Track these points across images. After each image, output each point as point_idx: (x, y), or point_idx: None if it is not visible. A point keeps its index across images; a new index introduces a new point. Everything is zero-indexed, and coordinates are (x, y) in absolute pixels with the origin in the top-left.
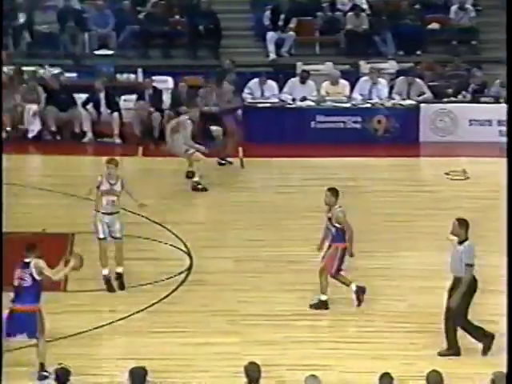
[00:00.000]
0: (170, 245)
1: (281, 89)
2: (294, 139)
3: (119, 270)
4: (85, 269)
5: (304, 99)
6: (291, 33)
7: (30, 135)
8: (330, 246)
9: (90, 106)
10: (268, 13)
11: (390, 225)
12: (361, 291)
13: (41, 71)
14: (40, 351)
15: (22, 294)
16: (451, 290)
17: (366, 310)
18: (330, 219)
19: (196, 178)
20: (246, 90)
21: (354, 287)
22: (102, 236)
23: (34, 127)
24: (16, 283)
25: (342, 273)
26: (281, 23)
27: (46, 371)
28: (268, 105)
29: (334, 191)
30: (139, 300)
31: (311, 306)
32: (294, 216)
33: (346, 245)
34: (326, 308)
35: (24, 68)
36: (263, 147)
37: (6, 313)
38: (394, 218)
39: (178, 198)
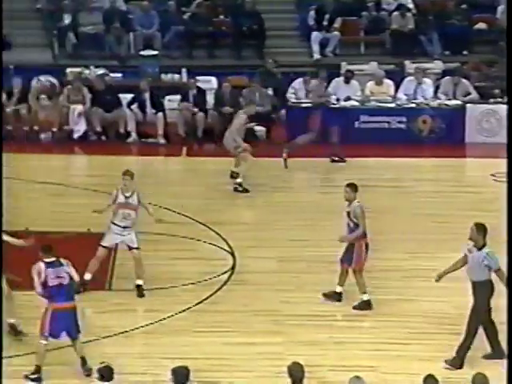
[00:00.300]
0: (214, 245)
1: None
2: (338, 139)
3: (139, 282)
4: (128, 268)
5: (348, 99)
6: (336, 33)
7: (76, 135)
8: (352, 244)
9: (134, 107)
10: (313, 13)
11: (434, 225)
12: (366, 304)
13: (86, 72)
14: (79, 347)
15: (63, 291)
16: (474, 295)
17: (410, 311)
18: (348, 214)
19: (238, 180)
20: (290, 90)
21: (365, 297)
22: (105, 244)
23: (80, 128)
24: (55, 282)
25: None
26: (325, 23)
27: (86, 363)
28: (312, 105)
29: (353, 187)
30: (183, 299)
31: (354, 308)
32: (336, 216)
33: (367, 239)
34: (370, 308)
35: (69, 69)
36: (307, 147)
37: (46, 313)
38: (438, 218)
39: (222, 198)
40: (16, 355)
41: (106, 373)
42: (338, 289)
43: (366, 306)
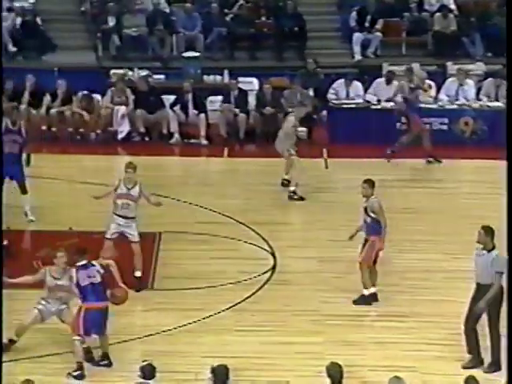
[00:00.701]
0: (255, 245)
1: (366, 90)
2: (379, 140)
3: (138, 274)
4: (171, 267)
5: (389, 100)
6: (378, 34)
7: (120, 136)
8: (366, 240)
9: (177, 108)
10: (354, 14)
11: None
12: (370, 298)
13: (129, 74)
14: (103, 343)
15: (95, 291)
16: (475, 297)
17: (450, 312)
18: (365, 209)
19: (292, 188)
20: (331, 91)
21: (366, 292)
22: (108, 236)
23: (123, 129)
24: (86, 282)
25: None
26: (367, 24)
27: (108, 358)
28: (353, 105)
29: (370, 182)
30: (224, 299)
31: (354, 302)
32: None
33: (381, 237)
34: (372, 302)
35: (113, 71)
36: (348, 148)
37: (79, 312)
38: (479, 220)
39: (263, 198)
40: (56, 353)
41: (149, 371)
42: (372, 289)
43: (364, 300)
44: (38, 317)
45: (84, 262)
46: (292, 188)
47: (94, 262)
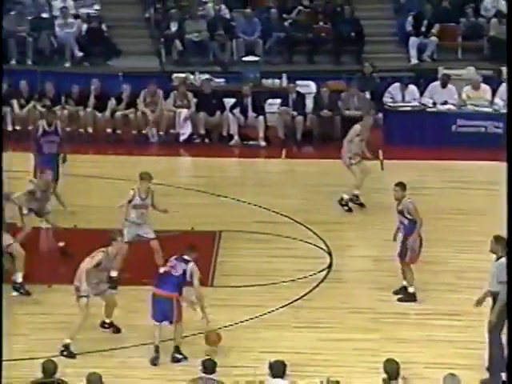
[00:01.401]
0: (311, 244)
1: (422, 93)
2: (435, 142)
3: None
4: (230, 265)
5: (445, 103)
6: (434, 38)
7: (181, 138)
8: (406, 238)
9: (237, 111)
10: (411, 19)
11: None
12: (411, 297)
13: (191, 77)
14: (176, 336)
15: (167, 281)
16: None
17: None
18: (401, 212)
19: (356, 192)
20: (387, 94)
21: (412, 289)
22: (126, 240)
23: (185, 131)
24: (166, 269)
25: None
26: (423, 29)
27: (180, 354)
28: (409, 108)
29: (402, 186)
30: (281, 296)
31: (399, 300)
32: (430, 217)
33: (420, 234)
34: (415, 300)
35: (175, 75)
36: (403, 150)
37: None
38: None
39: (320, 198)
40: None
41: (210, 366)
42: (409, 289)
43: (411, 297)
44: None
45: (187, 258)
46: (356, 192)
47: (189, 259)
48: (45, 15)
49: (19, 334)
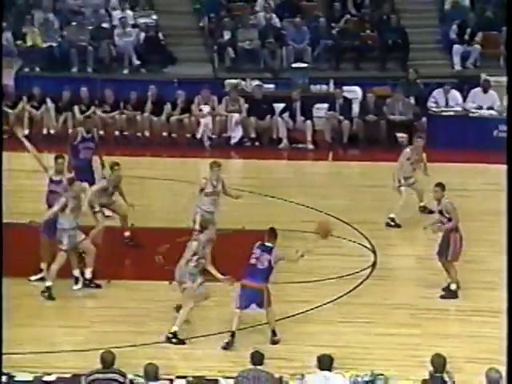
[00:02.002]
0: (357, 242)
1: (465, 98)
2: (476, 146)
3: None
4: (280, 263)
5: (487, 109)
6: (477, 46)
7: (233, 141)
8: (446, 237)
9: (286, 115)
10: (455, 27)
11: None
12: (452, 294)
13: (242, 83)
14: (270, 320)
15: (256, 273)
16: None
17: None
18: (440, 212)
19: (392, 215)
20: (431, 99)
21: (454, 286)
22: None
23: (236, 134)
24: (253, 262)
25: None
26: (467, 37)
27: (275, 335)
28: (451, 113)
29: (441, 186)
30: (328, 292)
31: (442, 297)
32: (471, 218)
33: (461, 232)
34: (456, 297)
35: (227, 81)
36: (446, 153)
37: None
38: None
39: (365, 199)
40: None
41: (257, 358)
42: (451, 286)
43: (452, 295)
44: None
45: (269, 245)
46: (393, 215)
47: (273, 250)
48: (105, 25)
49: (80, 326)
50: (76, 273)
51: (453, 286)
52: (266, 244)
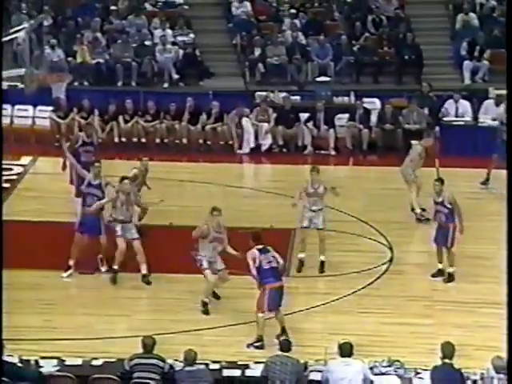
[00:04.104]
0: (375, 240)
1: (476, 110)
2: (485, 153)
3: (322, 258)
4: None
5: (495, 119)
6: (485, 62)
7: (263, 148)
8: (447, 226)
9: (310, 124)
10: (465, 44)
11: None
12: (451, 277)
13: (271, 95)
14: (281, 319)
15: (276, 273)
16: None
17: None
18: (441, 203)
19: (418, 210)
20: (443, 110)
21: (451, 270)
22: (304, 225)
23: (266, 142)
24: (267, 266)
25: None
26: (476, 54)
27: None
28: (462, 123)
29: (441, 181)
30: (348, 285)
31: (433, 276)
32: (480, 218)
33: (456, 224)
34: (453, 279)
35: (257, 93)
36: (457, 159)
37: (264, 292)
38: None
39: (382, 200)
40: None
41: (285, 345)
42: (449, 269)
43: (451, 277)
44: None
45: (261, 247)
46: (418, 210)
47: (268, 248)
48: (147, 43)
49: (123, 315)
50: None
51: (451, 269)
52: (262, 247)
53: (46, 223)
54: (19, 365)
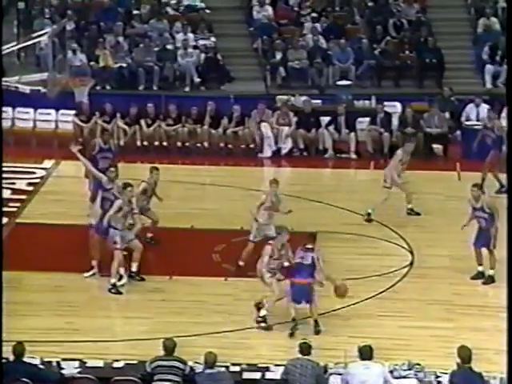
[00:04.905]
0: (395, 243)
1: (499, 114)
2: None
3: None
4: (325, 262)
5: None
6: (506, 66)
7: (283, 152)
8: (488, 229)
9: (331, 127)
10: (487, 48)
11: None
12: (491, 279)
13: (292, 99)
14: (313, 312)
15: (302, 270)
16: None
17: None
18: (481, 209)
19: (409, 205)
20: (464, 114)
21: (492, 272)
22: (253, 240)
23: (287, 145)
24: (298, 261)
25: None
26: (498, 58)
27: (318, 325)
28: (482, 126)
29: (478, 186)
30: (369, 288)
31: (484, 283)
32: (504, 222)
33: (497, 226)
34: (494, 281)
35: (278, 97)
36: (478, 163)
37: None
38: None
39: (403, 203)
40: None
41: (305, 348)
42: (482, 269)
43: (492, 279)
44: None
45: (310, 247)
46: (410, 205)
47: (314, 249)
48: (169, 47)
49: (145, 317)
50: (121, 270)
51: (491, 272)
52: (307, 246)
53: (69, 226)
54: (41, 366)
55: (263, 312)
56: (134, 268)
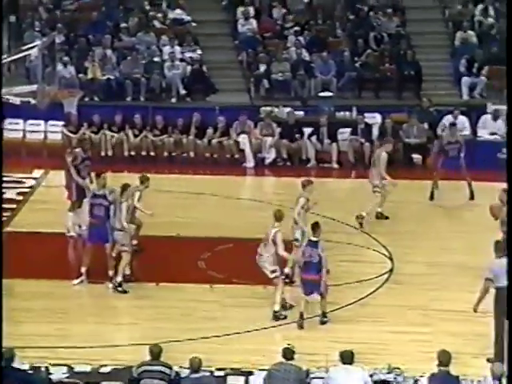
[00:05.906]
0: (376, 250)
1: (475, 124)
2: (483, 166)
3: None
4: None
5: (493, 134)
6: (483, 78)
7: (267, 162)
8: None
9: (313, 138)
10: (464, 61)
11: None
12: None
13: (275, 110)
14: (322, 305)
15: (311, 267)
16: None
17: None
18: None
19: (379, 209)
20: (441, 125)
21: None
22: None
23: (270, 155)
24: (307, 259)
25: None
26: (474, 70)
27: (326, 317)
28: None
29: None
30: (350, 294)
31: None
32: (479, 229)
33: None
34: None
35: (262, 108)
36: (455, 173)
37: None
38: None
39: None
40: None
41: (288, 353)
42: None
43: None
44: None
45: (315, 239)
46: (379, 209)
47: (319, 243)
48: (156, 59)
49: (132, 323)
50: (127, 271)
51: None
52: (313, 239)
53: (58, 235)
54: (29, 371)
55: (276, 308)
56: (119, 278)
